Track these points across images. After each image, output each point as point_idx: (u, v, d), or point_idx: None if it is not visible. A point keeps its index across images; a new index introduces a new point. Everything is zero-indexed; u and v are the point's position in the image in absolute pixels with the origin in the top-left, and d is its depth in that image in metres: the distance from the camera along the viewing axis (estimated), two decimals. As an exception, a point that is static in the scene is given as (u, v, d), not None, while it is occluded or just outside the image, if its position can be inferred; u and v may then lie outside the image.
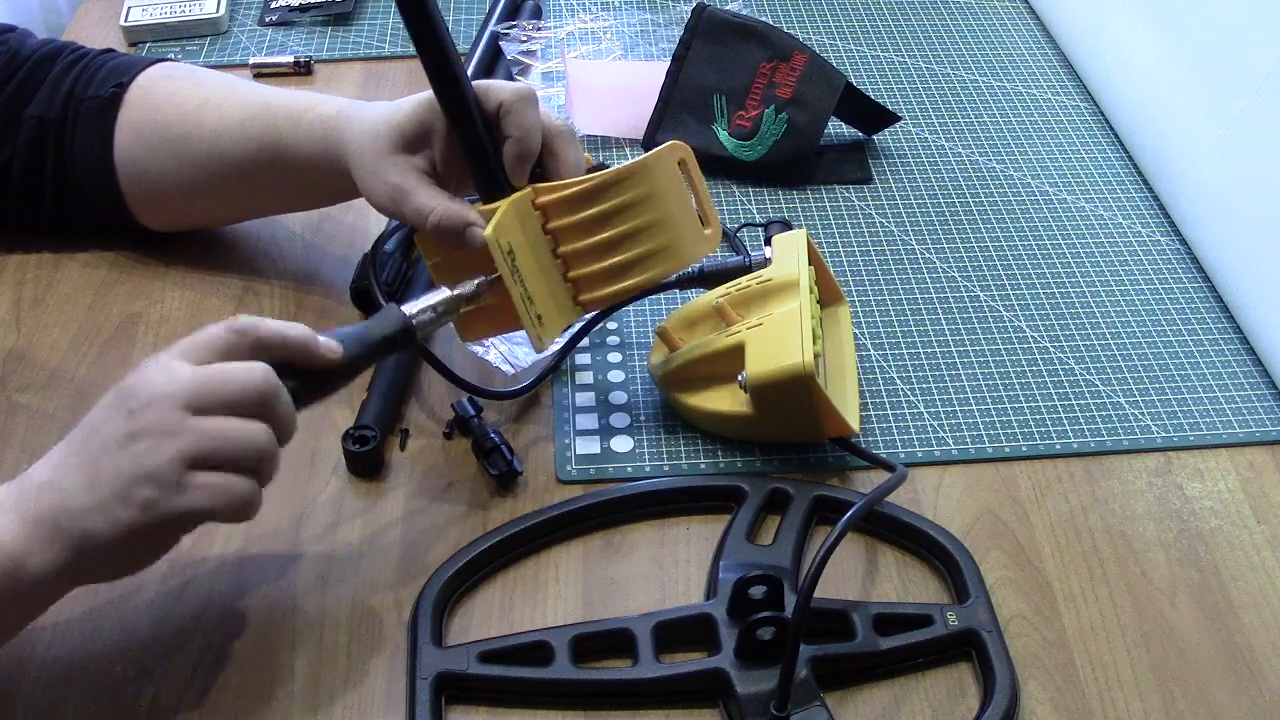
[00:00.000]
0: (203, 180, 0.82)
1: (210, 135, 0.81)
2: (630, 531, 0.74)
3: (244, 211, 0.89)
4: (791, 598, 0.67)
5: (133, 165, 0.83)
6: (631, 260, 0.73)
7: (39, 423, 0.78)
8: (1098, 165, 1.03)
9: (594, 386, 0.82)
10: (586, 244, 0.73)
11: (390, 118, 0.74)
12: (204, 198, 0.85)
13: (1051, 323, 0.88)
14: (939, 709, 0.66)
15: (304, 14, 1.14)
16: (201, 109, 0.82)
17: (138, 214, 0.86)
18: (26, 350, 0.82)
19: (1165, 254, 0.95)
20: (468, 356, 0.83)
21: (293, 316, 0.85)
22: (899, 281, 0.91)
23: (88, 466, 0.58)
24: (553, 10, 1.18)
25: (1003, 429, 0.81)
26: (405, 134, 0.73)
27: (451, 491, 0.75)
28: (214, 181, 0.82)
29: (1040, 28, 1.19)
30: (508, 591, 0.71)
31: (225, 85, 0.84)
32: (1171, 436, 0.81)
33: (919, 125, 1.06)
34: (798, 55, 0.99)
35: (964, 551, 0.72)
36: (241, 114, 0.80)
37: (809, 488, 0.75)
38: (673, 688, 0.65)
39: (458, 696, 0.65)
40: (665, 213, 0.73)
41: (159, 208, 0.86)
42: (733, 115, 0.99)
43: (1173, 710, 0.66)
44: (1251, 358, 0.86)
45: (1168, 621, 0.70)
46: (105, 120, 0.83)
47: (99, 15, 1.15)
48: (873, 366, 0.84)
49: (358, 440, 0.75)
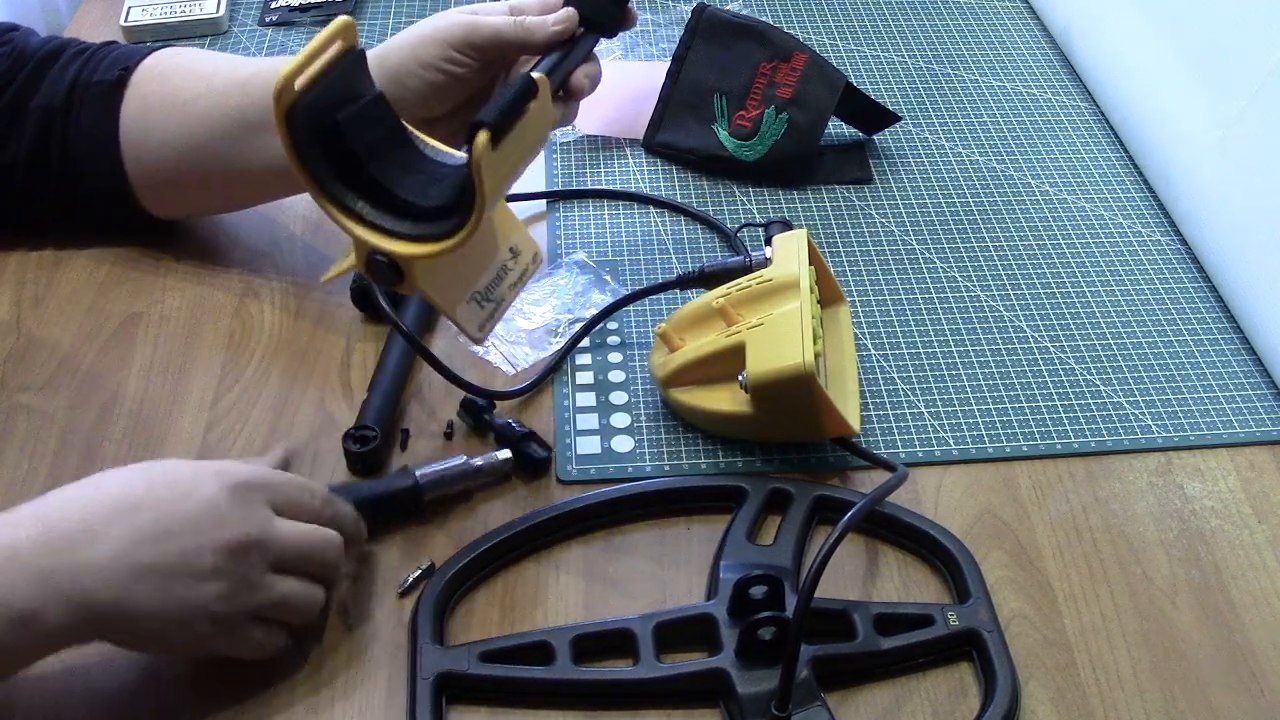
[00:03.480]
0: (211, 150, 0.81)
1: (220, 94, 0.80)
2: (631, 531, 0.74)
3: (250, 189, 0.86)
4: (792, 598, 0.67)
5: (139, 142, 0.82)
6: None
7: (39, 423, 0.78)
8: (1098, 165, 1.03)
9: (594, 386, 0.82)
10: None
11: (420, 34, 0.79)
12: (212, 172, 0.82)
13: (1051, 323, 0.88)
14: (940, 709, 0.66)
15: (304, 14, 1.14)
16: (213, 76, 0.82)
17: (143, 199, 0.85)
18: (26, 350, 0.82)
19: (1165, 254, 0.95)
20: (468, 356, 0.83)
21: (293, 316, 0.85)
22: (899, 281, 0.91)
23: (156, 578, 0.58)
24: (553, 10, 1.18)
25: (1003, 429, 0.81)
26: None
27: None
28: (223, 150, 0.81)
29: (1040, 28, 1.19)
30: (509, 591, 0.71)
31: (236, 57, 0.85)
32: (1172, 436, 0.81)
33: (919, 125, 1.06)
34: (798, 55, 0.99)
35: (964, 551, 0.72)
36: (254, 68, 0.81)
37: (809, 488, 0.75)
38: (673, 688, 0.65)
39: (458, 696, 0.65)
40: None
41: (165, 190, 0.85)
42: (733, 115, 0.99)
43: (1173, 710, 0.66)
44: (1251, 358, 0.86)
45: (1168, 621, 0.70)
46: (111, 103, 0.83)
47: (99, 15, 1.15)
48: (873, 366, 0.84)
49: (358, 440, 0.75)
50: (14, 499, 0.73)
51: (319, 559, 0.64)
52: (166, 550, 0.58)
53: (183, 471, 0.61)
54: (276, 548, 0.61)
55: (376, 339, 0.84)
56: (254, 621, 0.62)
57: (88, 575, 0.56)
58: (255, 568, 0.60)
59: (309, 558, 0.63)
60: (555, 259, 0.91)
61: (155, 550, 0.58)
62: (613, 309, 0.85)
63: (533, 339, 0.85)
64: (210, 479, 0.60)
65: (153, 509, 0.58)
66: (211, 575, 0.59)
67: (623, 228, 0.94)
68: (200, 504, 0.59)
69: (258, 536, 0.60)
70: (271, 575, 0.61)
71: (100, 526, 0.57)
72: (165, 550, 0.58)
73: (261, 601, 0.61)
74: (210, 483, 0.60)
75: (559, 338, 0.85)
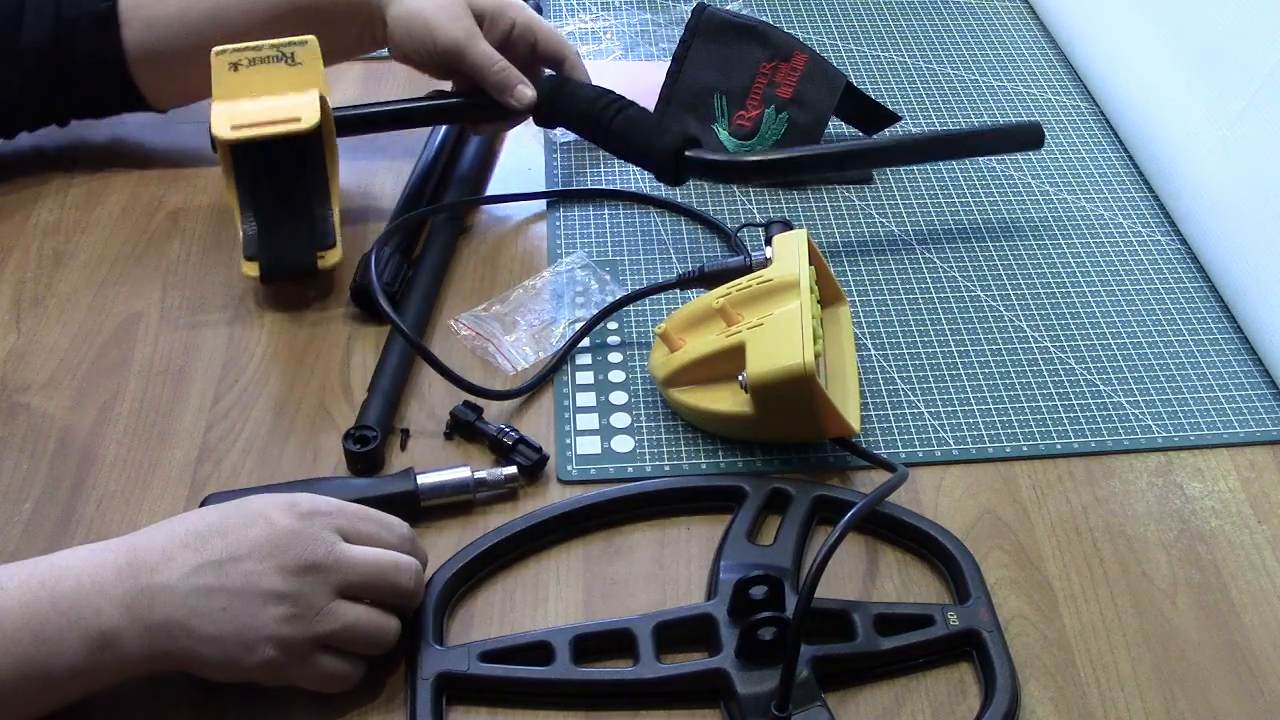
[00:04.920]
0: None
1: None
2: (631, 531, 0.74)
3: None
4: (792, 598, 0.67)
5: (150, 61, 0.86)
6: None
7: (39, 423, 0.78)
8: (1098, 165, 1.03)
9: (594, 386, 0.82)
10: None
11: None
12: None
13: (1051, 323, 0.88)
14: (940, 709, 0.66)
15: (304, 14, 1.14)
16: None
17: (151, 99, 0.89)
18: (26, 350, 0.82)
19: (1165, 254, 0.95)
20: (468, 356, 0.83)
21: (293, 316, 0.85)
22: (899, 281, 0.91)
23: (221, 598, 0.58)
24: (553, 10, 1.18)
25: (1003, 429, 0.81)
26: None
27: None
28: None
29: (1040, 28, 1.19)
30: (508, 591, 0.71)
31: None
32: (1172, 436, 0.81)
33: (919, 125, 1.06)
34: (798, 55, 0.99)
35: (964, 551, 0.72)
36: None
37: (809, 488, 0.75)
38: (673, 688, 0.65)
39: (458, 696, 0.65)
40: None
41: (174, 86, 0.89)
42: (733, 115, 0.99)
43: (1173, 710, 0.66)
44: (1252, 358, 0.86)
45: (1168, 621, 0.70)
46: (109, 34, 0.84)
47: (99, 15, 1.14)
48: (873, 366, 0.84)
49: (358, 440, 0.75)
50: (14, 499, 0.73)
51: (390, 585, 0.63)
52: (231, 573, 0.59)
53: (259, 503, 0.62)
54: (342, 572, 0.61)
55: (376, 339, 0.84)
56: (323, 650, 0.61)
57: (160, 597, 0.58)
58: (320, 592, 0.60)
59: (379, 584, 0.63)
60: (555, 259, 0.91)
61: (221, 572, 0.59)
62: (613, 309, 0.85)
63: (532, 339, 0.85)
64: (283, 509, 0.62)
65: (223, 535, 0.60)
66: (274, 599, 0.59)
67: (623, 228, 0.94)
68: (268, 529, 0.60)
69: (321, 559, 0.60)
70: (339, 602, 0.61)
71: (177, 551, 0.59)
72: (230, 572, 0.59)
73: (329, 628, 0.61)
74: (281, 512, 0.61)
75: (558, 338, 0.85)
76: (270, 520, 0.61)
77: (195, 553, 0.59)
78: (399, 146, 0.99)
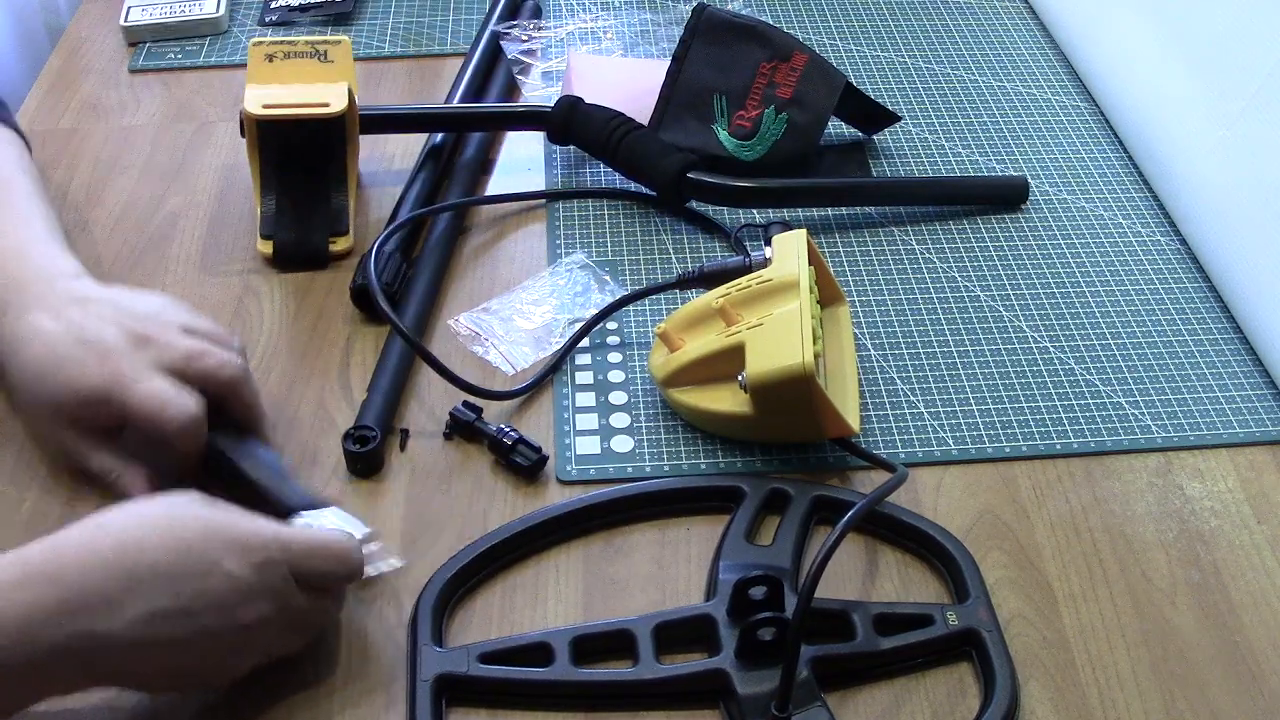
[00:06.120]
0: None
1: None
2: (630, 532, 0.74)
3: None
4: (792, 598, 0.67)
5: None
6: None
7: (39, 423, 0.78)
8: (1098, 165, 1.03)
9: (594, 386, 0.82)
10: None
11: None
12: None
13: (1051, 323, 0.88)
14: (939, 709, 0.66)
15: (304, 14, 1.14)
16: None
17: None
18: (26, 350, 0.82)
19: (1165, 254, 0.95)
20: (467, 356, 0.83)
21: (293, 316, 0.85)
22: (899, 281, 0.91)
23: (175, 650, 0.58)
24: (553, 10, 1.18)
25: (1003, 429, 0.81)
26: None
27: (451, 492, 0.75)
28: None
29: (1040, 28, 1.19)
30: (508, 592, 0.71)
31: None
32: (1172, 436, 0.81)
33: (919, 125, 1.06)
34: (798, 55, 0.99)
35: (964, 551, 0.72)
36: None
37: (809, 488, 0.75)
38: (673, 688, 0.65)
39: (458, 698, 0.65)
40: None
41: None
42: (733, 115, 0.99)
43: (1173, 710, 0.66)
44: (1251, 358, 0.86)
45: (1168, 621, 0.70)
46: None
47: (99, 15, 1.15)
48: (873, 366, 0.84)
49: (358, 440, 0.75)
50: (13, 498, 0.73)
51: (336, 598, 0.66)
52: (187, 627, 0.57)
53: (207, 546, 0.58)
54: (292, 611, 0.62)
55: (376, 339, 0.84)
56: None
57: (105, 645, 0.55)
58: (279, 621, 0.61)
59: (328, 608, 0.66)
60: (555, 259, 0.91)
61: (175, 625, 0.57)
62: (612, 309, 0.85)
63: (532, 339, 0.85)
64: (234, 555, 0.58)
65: (171, 586, 0.56)
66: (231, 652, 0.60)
67: (623, 228, 0.94)
68: (223, 583, 0.58)
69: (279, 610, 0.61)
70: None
71: (118, 595, 0.55)
72: (185, 626, 0.57)
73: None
74: (233, 559, 0.58)
75: (558, 338, 0.85)
76: (227, 573, 0.58)
77: (142, 604, 0.56)
78: (399, 146, 0.99)
